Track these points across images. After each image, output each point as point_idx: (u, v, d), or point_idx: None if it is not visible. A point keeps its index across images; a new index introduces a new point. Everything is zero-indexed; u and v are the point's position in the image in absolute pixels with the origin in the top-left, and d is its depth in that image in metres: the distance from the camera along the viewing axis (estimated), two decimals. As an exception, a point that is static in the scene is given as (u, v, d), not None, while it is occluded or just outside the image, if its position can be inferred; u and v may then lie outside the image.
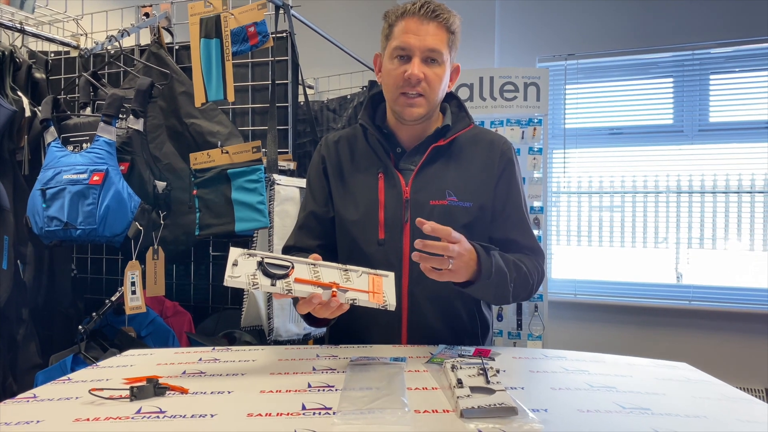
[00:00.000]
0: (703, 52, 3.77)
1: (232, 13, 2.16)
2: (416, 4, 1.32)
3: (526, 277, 1.33)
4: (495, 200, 1.40)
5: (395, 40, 1.33)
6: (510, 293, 1.30)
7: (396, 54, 1.34)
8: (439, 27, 1.32)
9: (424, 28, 1.31)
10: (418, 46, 1.31)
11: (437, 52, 1.32)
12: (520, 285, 1.31)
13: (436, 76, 1.34)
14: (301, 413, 0.86)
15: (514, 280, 1.29)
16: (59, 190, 2.01)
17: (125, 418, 0.85)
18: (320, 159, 1.49)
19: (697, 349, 3.70)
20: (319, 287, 1.10)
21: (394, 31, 1.35)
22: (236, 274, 1.07)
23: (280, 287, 1.07)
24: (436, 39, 1.31)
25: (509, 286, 1.27)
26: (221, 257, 2.51)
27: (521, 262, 1.33)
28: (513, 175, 1.43)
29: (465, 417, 0.83)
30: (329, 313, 1.10)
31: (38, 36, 2.56)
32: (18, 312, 2.25)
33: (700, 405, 0.96)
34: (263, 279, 1.08)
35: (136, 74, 2.37)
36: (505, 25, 4.10)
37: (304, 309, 1.12)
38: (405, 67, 1.32)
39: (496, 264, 1.23)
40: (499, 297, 1.32)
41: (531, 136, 3.45)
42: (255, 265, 1.09)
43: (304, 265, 1.14)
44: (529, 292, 1.37)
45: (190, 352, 1.30)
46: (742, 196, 3.70)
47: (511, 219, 1.41)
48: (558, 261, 4.10)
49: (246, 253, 1.10)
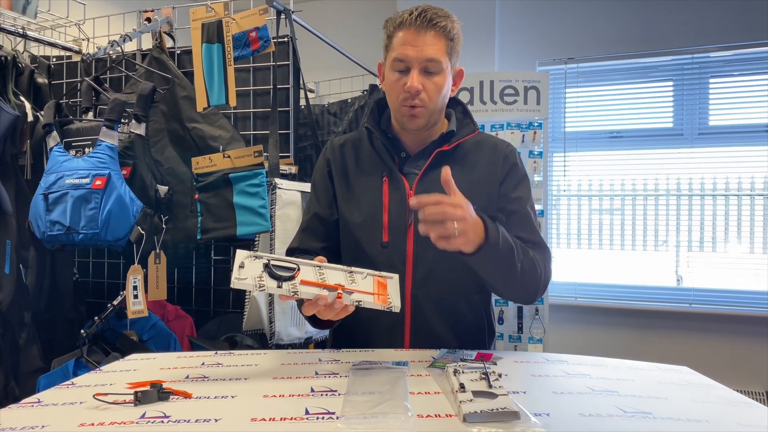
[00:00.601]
0: (702, 55, 3.78)
1: (233, 18, 2.17)
2: (413, 13, 1.31)
3: (534, 263, 1.28)
4: (499, 202, 1.40)
5: (394, 52, 1.33)
6: (518, 273, 1.24)
7: (395, 65, 1.34)
8: (437, 35, 1.31)
9: (422, 38, 1.30)
10: (416, 57, 1.30)
11: (435, 62, 1.31)
12: (528, 268, 1.26)
13: (436, 86, 1.34)
14: (305, 418, 0.87)
15: (521, 261, 1.24)
16: (62, 194, 2.01)
17: (130, 422, 0.86)
18: (325, 162, 1.50)
19: (697, 352, 3.71)
20: (324, 289, 1.11)
21: (393, 42, 1.34)
22: (243, 276, 1.08)
23: (286, 289, 1.08)
24: (434, 48, 1.30)
25: (516, 263, 1.23)
26: (223, 261, 2.52)
27: (528, 248, 1.30)
28: (517, 177, 1.42)
29: (468, 421, 0.83)
30: (334, 314, 1.11)
31: (40, 41, 2.58)
32: (20, 316, 2.25)
33: (701, 409, 0.96)
34: (269, 281, 1.08)
35: (138, 79, 2.38)
36: (505, 29, 4.11)
37: (310, 310, 1.12)
38: (405, 79, 1.32)
39: (503, 234, 1.19)
40: (505, 274, 1.25)
41: (531, 139, 3.46)
42: (261, 267, 1.10)
43: (310, 267, 1.14)
44: (536, 283, 1.31)
45: (193, 356, 1.31)
46: (741, 199, 3.70)
47: (514, 216, 1.39)
48: (559, 264, 4.10)
49: (252, 255, 1.11)
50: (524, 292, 1.32)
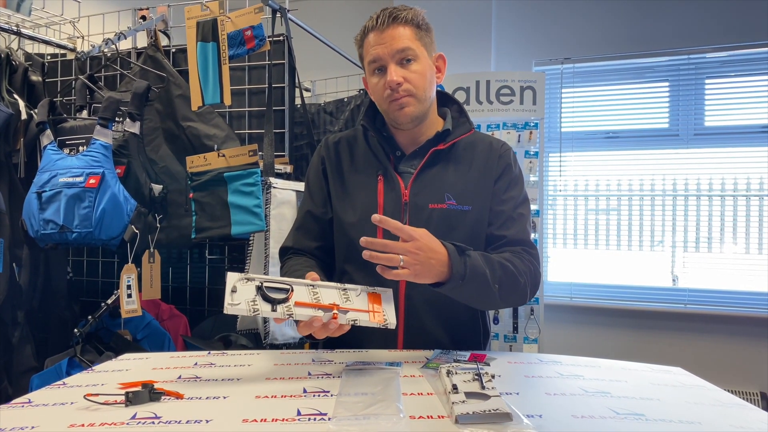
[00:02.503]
0: (698, 56, 3.78)
1: (228, 16, 2.16)
2: (373, 18, 1.35)
3: (515, 277, 1.27)
4: (492, 201, 1.40)
5: (368, 56, 1.36)
6: (496, 296, 1.24)
7: (373, 68, 1.36)
8: (401, 26, 1.33)
9: (388, 35, 1.32)
10: (387, 52, 1.32)
11: (407, 50, 1.33)
12: (507, 287, 1.26)
13: (416, 74, 1.34)
14: (297, 419, 0.87)
15: (500, 280, 1.24)
16: (55, 193, 2.01)
17: (120, 423, 0.85)
18: (320, 160, 1.50)
19: (692, 352, 3.71)
20: (319, 309, 1.10)
21: (364, 49, 1.38)
22: (236, 300, 1.07)
23: (280, 312, 1.07)
24: (402, 39, 1.32)
25: (492, 287, 1.22)
26: (217, 260, 2.51)
27: (509, 262, 1.28)
28: (510, 177, 1.42)
29: (460, 423, 0.83)
30: (329, 333, 1.11)
31: (35, 38, 2.56)
32: (13, 315, 2.24)
33: (694, 410, 0.96)
34: (263, 304, 1.07)
35: (133, 77, 2.37)
36: (501, 29, 4.11)
37: (305, 331, 1.11)
38: (385, 77, 1.33)
39: (471, 264, 1.19)
40: (483, 300, 1.27)
41: (527, 139, 3.46)
42: (254, 290, 1.09)
43: (303, 286, 1.14)
44: (522, 294, 1.31)
45: (186, 356, 1.30)
46: (737, 199, 3.71)
47: (501, 216, 1.39)
48: (554, 264, 4.11)
49: (244, 277, 1.10)
50: (506, 304, 1.32)
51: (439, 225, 1.34)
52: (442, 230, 1.33)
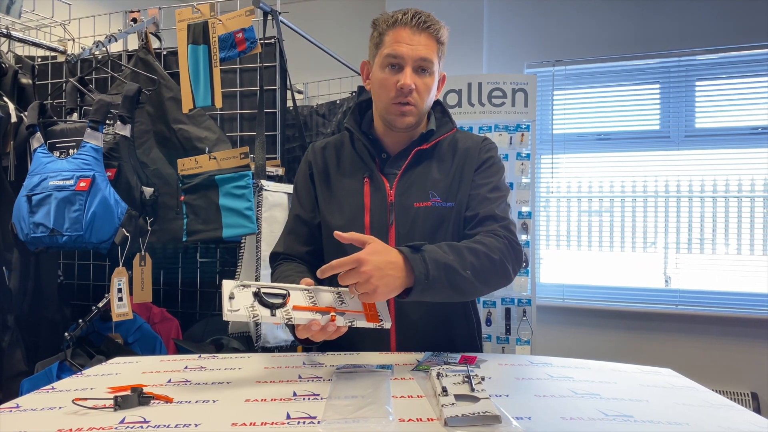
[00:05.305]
0: (689, 58, 3.80)
1: (219, 19, 2.16)
2: (407, 14, 1.33)
3: (487, 256, 1.23)
4: (470, 188, 1.39)
5: (387, 48, 1.34)
6: (472, 281, 1.20)
7: (387, 62, 1.34)
8: (430, 38, 1.34)
9: (416, 39, 1.32)
10: (411, 55, 1.32)
11: (429, 61, 1.33)
12: (482, 269, 1.21)
13: (426, 86, 1.36)
14: (286, 422, 0.86)
15: (471, 265, 1.19)
16: (45, 196, 2.00)
17: (109, 428, 0.85)
18: (307, 165, 1.51)
19: (684, 352, 3.73)
20: (317, 313, 1.11)
21: (385, 39, 1.35)
22: (235, 307, 1.07)
23: (280, 317, 1.08)
24: (427, 49, 1.33)
25: (464, 273, 1.18)
26: (209, 263, 2.50)
27: (477, 243, 1.25)
28: (490, 165, 1.42)
29: (449, 425, 0.83)
30: (327, 336, 1.11)
31: (25, 41, 2.55)
32: (3, 319, 2.23)
33: (683, 412, 0.97)
34: (262, 310, 1.08)
35: (124, 80, 2.37)
36: (493, 32, 4.12)
37: (303, 334, 1.12)
38: (397, 76, 1.33)
39: (431, 258, 1.15)
40: (461, 290, 1.21)
41: (519, 141, 3.46)
42: (252, 297, 1.09)
43: (299, 291, 1.15)
44: (503, 271, 1.26)
45: (176, 360, 1.30)
46: (728, 201, 3.73)
47: (478, 197, 1.37)
48: (546, 265, 4.12)
49: (240, 284, 1.10)
50: (490, 288, 1.28)
51: (425, 223, 1.35)
52: (429, 228, 1.34)
